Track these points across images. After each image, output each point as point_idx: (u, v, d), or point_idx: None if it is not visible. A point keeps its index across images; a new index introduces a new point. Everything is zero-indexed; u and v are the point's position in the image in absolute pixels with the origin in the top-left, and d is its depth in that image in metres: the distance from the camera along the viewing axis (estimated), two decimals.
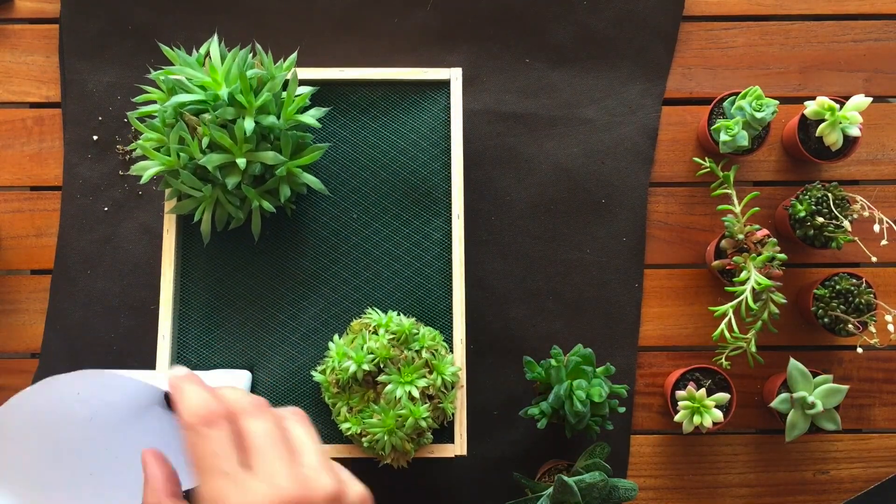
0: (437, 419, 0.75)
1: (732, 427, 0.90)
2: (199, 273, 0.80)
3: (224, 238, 0.81)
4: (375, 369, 0.73)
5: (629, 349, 0.90)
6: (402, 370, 0.73)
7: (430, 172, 0.81)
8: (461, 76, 0.81)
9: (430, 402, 0.73)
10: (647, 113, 0.92)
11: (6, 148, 0.91)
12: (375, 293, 0.81)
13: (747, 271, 0.81)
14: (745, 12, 0.93)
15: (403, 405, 0.72)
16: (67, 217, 0.89)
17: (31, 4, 0.92)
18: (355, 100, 0.83)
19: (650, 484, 0.89)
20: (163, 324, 0.77)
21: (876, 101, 0.90)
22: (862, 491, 0.90)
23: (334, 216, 0.82)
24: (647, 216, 0.91)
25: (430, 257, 0.81)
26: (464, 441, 0.75)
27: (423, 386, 0.73)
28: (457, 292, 0.78)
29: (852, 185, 0.92)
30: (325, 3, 0.92)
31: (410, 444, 0.73)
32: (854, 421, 0.90)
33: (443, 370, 0.74)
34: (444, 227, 0.81)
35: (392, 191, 0.82)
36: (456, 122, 0.80)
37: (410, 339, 0.74)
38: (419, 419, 0.72)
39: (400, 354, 0.73)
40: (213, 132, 0.70)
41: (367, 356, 0.72)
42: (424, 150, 0.82)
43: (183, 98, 0.71)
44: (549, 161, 0.91)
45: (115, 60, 0.91)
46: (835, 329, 0.84)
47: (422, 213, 0.81)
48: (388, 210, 0.82)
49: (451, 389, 0.75)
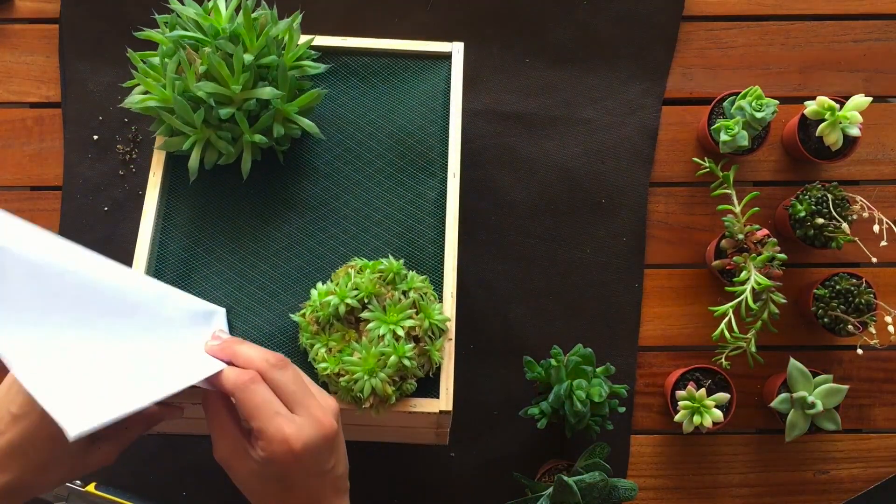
0: (421, 366, 0.69)
1: (732, 427, 0.90)
2: (181, 216, 0.77)
3: (211, 180, 0.78)
4: (359, 306, 0.68)
5: (629, 349, 0.90)
6: (387, 309, 0.68)
7: (428, 135, 0.81)
8: (462, 50, 0.81)
9: (415, 345, 0.68)
10: (647, 113, 0.92)
11: (6, 148, 0.91)
12: (363, 248, 0.77)
13: (747, 271, 0.81)
14: (745, 12, 0.93)
15: (387, 343, 0.66)
16: (67, 217, 0.89)
17: (31, 4, 0.92)
18: (356, 68, 0.82)
19: (650, 484, 0.89)
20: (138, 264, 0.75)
21: (876, 101, 0.90)
22: (862, 491, 0.90)
23: (327, 170, 0.80)
24: (647, 216, 0.91)
25: (423, 214, 0.78)
26: (450, 396, 0.70)
27: (409, 326, 0.67)
28: (449, 247, 0.76)
29: (852, 185, 0.92)
30: (325, 3, 0.92)
31: (392, 389, 0.67)
32: (854, 421, 0.90)
33: (431, 314, 0.69)
34: (440, 186, 0.79)
35: (388, 151, 0.80)
36: (456, 88, 0.80)
37: (398, 280, 0.70)
38: (403, 358, 0.66)
39: (386, 293, 0.69)
40: (211, 59, 0.69)
41: (350, 291, 0.68)
42: (423, 115, 0.81)
43: (183, 32, 0.70)
44: (549, 161, 0.91)
45: (115, 60, 0.91)
46: (835, 329, 0.84)
47: (417, 173, 0.80)
48: (383, 169, 0.80)
49: (438, 337, 0.70)
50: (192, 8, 0.73)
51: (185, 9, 0.72)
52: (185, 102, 0.71)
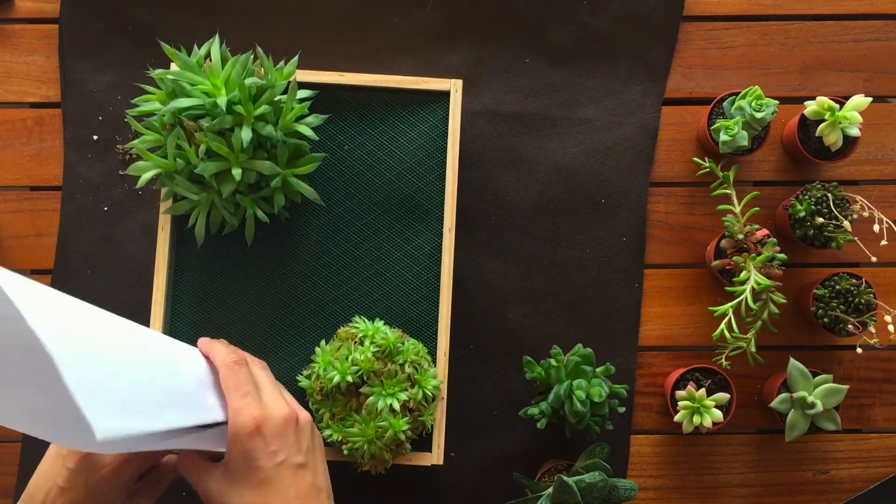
0: (415, 430, 0.77)
1: (732, 427, 0.90)
2: (192, 272, 0.81)
3: (218, 241, 0.81)
4: (359, 380, 0.75)
5: (629, 349, 0.90)
6: (384, 383, 0.75)
7: (425, 184, 0.82)
8: (461, 88, 0.81)
9: (410, 416, 0.76)
10: (647, 113, 0.92)
11: (6, 148, 0.91)
12: (363, 300, 0.82)
13: (747, 271, 0.81)
14: (745, 12, 0.93)
15: (384, 417, 0.74)
16: (67, 217, 0.89)
17: (31, 4, 0.92)
18: (354, 105, 0.83)
19: (650, 484, 0.89)
20: (154, 320, 0.78)
21: (876, 101, 0.90)
22: (862, 491, 0.90)
23: (327, 223, 0.82)
24: (647, 216, 0.91)
25: (419, 269, 0.82)
26: (441, 451, 0.78)
27: (405, 399, 0.75)
28: (444, 305, 0.79)
29: (852, 185, 0.92)
30: (325, 3, 0.92)
31: (389, 454, 0.76)
32: (854, 421, 0.90)
33: (425, 384, 0.76)
34: (435, 239, 0.81)
35: (385, 200, 0.82)
36: (453, 134, 0.81)
37: (395, 353, 0.76)
38: (399, 432, 0.74)
39: (384, 367, 0.75)
40: (210, 142, 0.70)
41: (351, 367, 0.74)
42: (420, 161, 0.82)
43: (182, 103, 0.71)
44: (549, 161, 0.91)
45: (115, 60, 0.91)
46: (835, 329, 0.84)
47: (414, 223, 0.82)
48: (381, 218, 0.82)
49: (431, 402, 0.77)
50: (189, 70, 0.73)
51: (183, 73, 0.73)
52: (188, 183, 0.73)
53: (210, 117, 0.71)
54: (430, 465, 0.78)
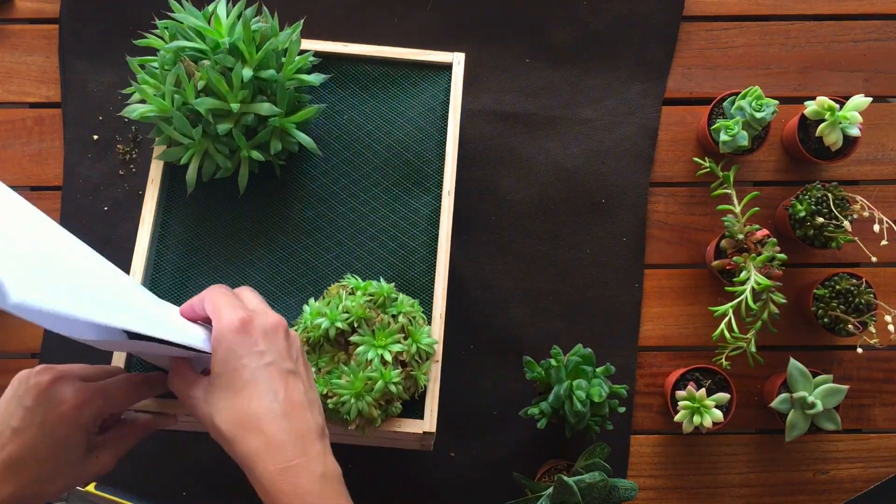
0: (408, 389, 0.71)
1: (732, 427, 0.90)
2: (178, 227, 0.78)
3: (208, 192, 0.78)
4: (349, 329, 0.70)
5: (629, 349, 0.90)
6: (376, 333, 0.70)
7: (425, 149, 0.81)
8: (464, 60, 0.80)
9: (402, 370, 0.70)
10: (647, 113, 0.92)
11: (6, 148, 0.91)
12: (357, 263, 0.78)
13: (747, 271, 0.81)
14: (745, 12, 0.93)
15: (374, 367, 0.68)
16: (67, 217, 0.89)
17: (31, 4, 0.92)
18: (356, 75, 0.82)
19: (650, 484, 0.89)
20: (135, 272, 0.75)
21: (876, 101, 0.90)
22: (862, 491, 0.90)
23: (323, 183, 0.80)
24: (647, 216, 0.91)
25: (416, 231, 0.79)
26: (433, 417, 0.72)
27: (397, 351, 0.69)
28: (441, 266, 0.77)
29: (852, 185, 0.92)
30: (325, 3, 0.92)
31: (378, 411, 0.69)
32: (854, 421, 0.90)
33: (419, 338, 0.71)
34: (434, 203, 0.79)
35: (384, 164, 0.81)
36: (455, 101, 0.80)
37: (388, 303, 0.71)
38: (389, 383, 0.68)
39: (376, 317, 0.70)
40: (210, 74, 0.69)
41: (341, 314, 0.69)
42: (421, 128, 0.81)
43: (183, 43, 0.70)
44: (549, 161, 0.91)
45: (115, 60, 0.91)
46: (835, 329, 0.84)
47: (412, 188, 0.80)
48: (379, 183, 0.80)
49: (425, 360, 0.72)
50: (193, 16, 0.72)
51: (186, 17, 0.72)
52: (183, 117, 0.71)
53: (212, 55, 0.70)
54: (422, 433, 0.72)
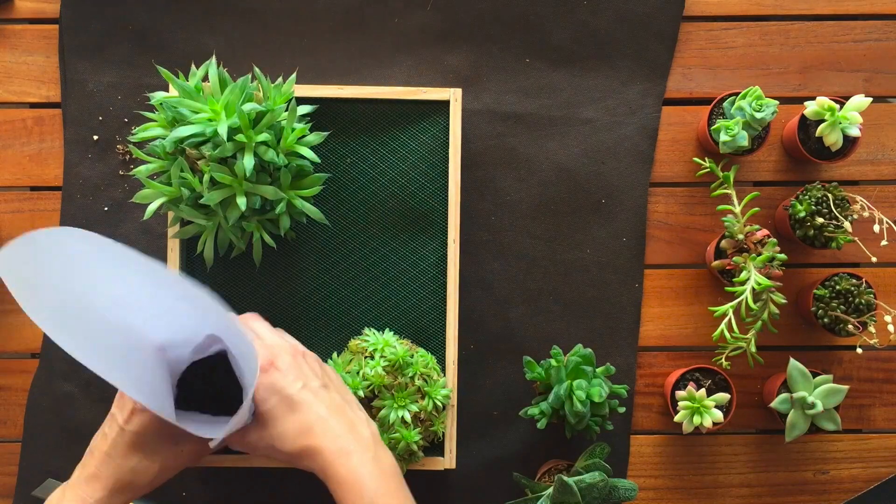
0: (427, 439, 0.80)
1: (732, 427, 0.90)
2: None
3: (226, 262, 0.83)
4: (371, 394, 0.78)
5: (629, 349, 0.90)
6: (395, 395, 0.78)
7: (428, 195, 0.83)
8: (460, 97, 0.82)
9: (421, 426, 0.78)
10: (648, 113, 0.92)
11: (6, 148, 0.91)
12: (372, 311, 0.83)
13: (747, 271, 0.81)
14: (745, 12, 0.93)
15: (396, 429, 0.77)
16: (67, 217, 0.89)
17: (31, 4, 0.92)
18: (354, 117, 0.84)
19: (650, 484, 0.89)
20: None
21: (876, 101, 0.90)
22: (862, 491, 0.90)
23: (332, 237, 0.84)
24: (647, 216, 0.91)
25: (425, 279, 0.83)
26: (453, 456, 0.80)
27: (415, 411, 0.77)
28: (451, 315, 0.81)
29: (852, 186, 0.92)
30: (325, 3, 0.92)
31: (403, 463, 0.78)
32: (854, 421, 0.90)
33: (434, 394, 0.78)
34: (440, 249, 0.83)
35: (389, 212, 0.83)
36: (454, 145, 0.81)
37: (405, 366, 0.78)
38: (411, 443, 0.77)
39: (394, 381, 0.78)
40: (213, 172, 0.71)
41: (362, 382, 0.77)
42: (422, 172, 0.83)
43: (183, 132, 0.71)
44: (549, 161, 0.91)
45: (115, 60, 0.91)
46: (835, 329, 0.84)
47: (418, 234, 0.83)
48: (386, 230, 0.83)
49: (441, 412, 0.80)
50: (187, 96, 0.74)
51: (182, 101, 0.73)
52: (193, 210, 0.74)
53: (212, 145, 0.72)
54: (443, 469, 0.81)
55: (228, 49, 0.90)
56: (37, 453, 0.87)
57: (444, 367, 0.82)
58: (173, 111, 0.73)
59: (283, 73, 0.90)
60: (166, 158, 0.75)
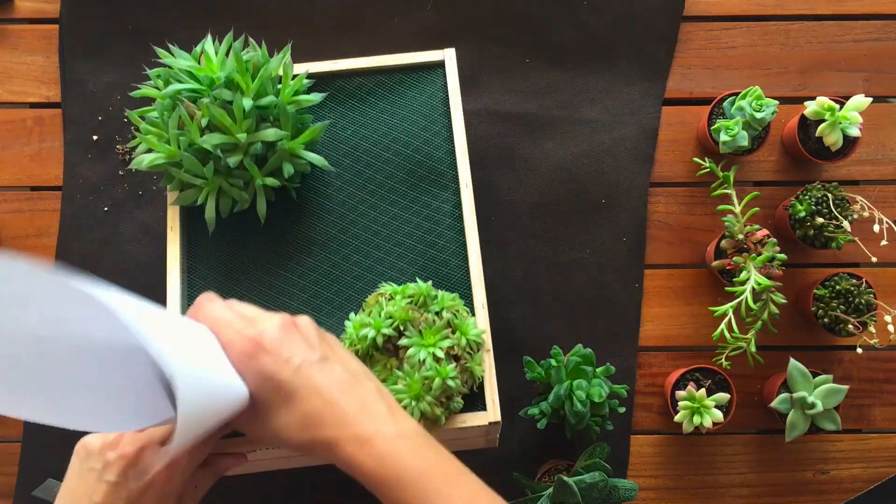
0: (465, 382, 0.70)
1: (732, 427, 0.90)
2: (205, 269, 0.79)
3: (229, 226, 0.79)
4: (395, 333, 0.69)
5: (629, 349, 0.90)
6: (423, 333, 0.69)
7: (434, 147, 0.81)
8: (455, 56, 0.81)
9: (456, 363, 0.69)
10: (648, 113, 0.92)
11: (6, 148, 0.91)
12: (390, 271, 0.78)
13: (747, 271, 0.81)
14: (745, 12, 0.93)
15: (429, 366, 0.67)
16: (67, 217, 0.89)
17: (31, 4, 0.92)
18: (352, 90, 0.82)
19: (650, 484, 0.89)
20: None
21: (876, 101, 0.90)
22: (862, 491, 0.90)
23: (341, 198, 0.80)
24: (647, 216, 0.91)
25: (442, 229, 0.79)
26: (496, 406, 0.71)
27: (448, 346, 0.69)
28: (473, 258, 0.76)
29: (852, 185, 0.92)
30: (325, 3, 0.92)
31: (440, 409, 0.68)
32: (854, 421, 0.90)
33: (466, 331, 0.71)
34: (453, 198, 0.79)
35: (397, 170, 0.81)
36: (454, 95, 0.80)
37: (429, 302, 0.71)
38: (447, 379, 0.67)
39: (420, 317, 0.70)
40: (211, 110, 0.69)
41: (385, 321, 0.69)
42: (426, 127, 0.81)
43: (179, 86, 0.70)
44: (550, 161, 0.91)
45: (115, 60, 0.91)
46: (835, 329, 0.84)
47: (429, 188, 0.80)
48: (395, 189, 0.80)
49: (476, 351, 0.71)
50: (184, 59, 0.73)
51: (177, 61, 0.72)
52: (193, 157, 0.71)
53: (209, 91, 0.71)
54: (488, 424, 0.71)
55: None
56: (37, 453, 0.87)
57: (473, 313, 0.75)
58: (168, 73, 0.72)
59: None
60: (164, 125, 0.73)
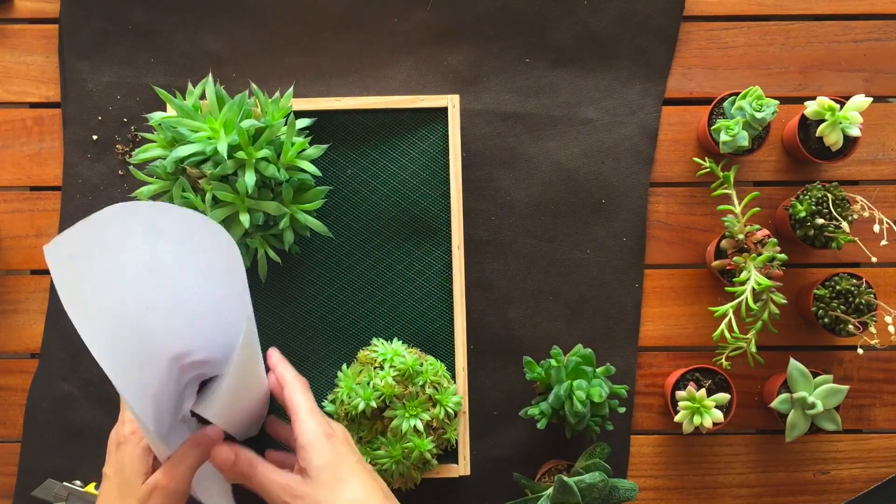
0: (440, 446, 0.79)
1: (732, 427, 0.90)
2: None
3: None
4: (382, 404, 0.77)
5: (629, 349, 0.90)
6: (406, 405, 0.77)
7: (430, 202, 0.83)
8: (458, 103, 0.82)
9: (434, 434, 0.78)
10: (648, 113, 0.92)
11: (6, 148, 0.91)
12: (380, 321, 0.84)
13: (747, 271, 0.81)
14: (745, 12, 0.93)
15: (409, 438, 0.76)
16: (67, 217, 0.89)
17: (31, 4, 0.92)
18: (353, 128, 0.84)
19: (650, 484, 0.89)
20: None
21: (876, 101, 0.90)
22: (862, 491, 0.90)
23: (337, 249, 0.84)
24: (647, 216, 0.91)
25: (431, 287, 0.83)
26: (467, 463, 0.80)
27: (428, 419, 0.77)
28: (458, 321, 0.81)
29: (852, 186, 0.92)
30: (325, 3, 0.92)
31: (417, 472, 0.78)
32: (854, 421, 0.90)
33: (445, 402, 0.78)
34: (445, 256, 0.83)
35: (392, 221, 0.83)
36: (454, 151, 0.82)
37: (415, 375, 0.78)
38: (424, 451, 0.77)
39: (405, 390, 0.77)
40: (215, 190, 0.71)
41: (373, 393, 0.76)
42: (423, 179, 0.83)
43: (182, 152, 0.71)
44: (549, 161, 0.91)
45: (115, 60, 0.91)
46: (835, 329, 0.84)
47: (423, 242, 0.83)
48: (390, 240, 0.84)
49: (453, 418, 0.80)
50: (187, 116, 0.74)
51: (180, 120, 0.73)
52: None
53: (212, 164, 0.72)
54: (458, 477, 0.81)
55: (228, 49, 0.90)
56: (37, 453, 0.87)
57: (453, 374, 0.82)
58: (172, 131, 0.73)
59: (283, 74, 0.90)
60: (167, 179, 0.75)
